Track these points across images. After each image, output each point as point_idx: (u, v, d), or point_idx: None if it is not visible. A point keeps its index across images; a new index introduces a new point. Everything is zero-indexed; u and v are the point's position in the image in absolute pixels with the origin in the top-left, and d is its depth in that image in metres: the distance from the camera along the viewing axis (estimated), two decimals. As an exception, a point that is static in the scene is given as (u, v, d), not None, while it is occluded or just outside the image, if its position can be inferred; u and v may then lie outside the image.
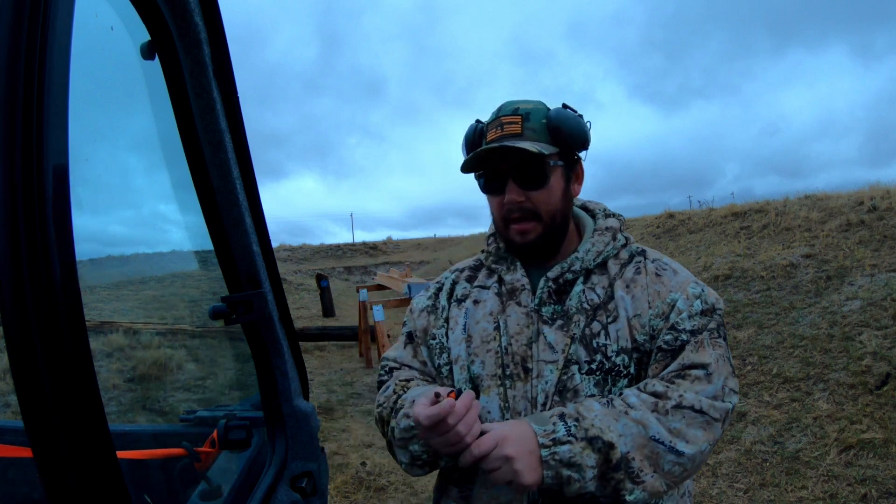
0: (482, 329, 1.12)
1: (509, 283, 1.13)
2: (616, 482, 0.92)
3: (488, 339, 1.10)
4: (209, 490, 1.12)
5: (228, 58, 0.99)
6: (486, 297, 1.16)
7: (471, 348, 1.12)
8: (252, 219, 1.08)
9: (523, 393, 1.05)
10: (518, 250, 1.13)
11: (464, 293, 1.19)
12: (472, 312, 1.15)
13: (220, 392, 4.69)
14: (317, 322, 10.64)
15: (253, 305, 1.06)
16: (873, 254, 6.00)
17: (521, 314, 1.09)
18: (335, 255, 25.02)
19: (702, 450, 0.95)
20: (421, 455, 1.06)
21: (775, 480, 3.43)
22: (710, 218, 9.98)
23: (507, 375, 1.07)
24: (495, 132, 1.08)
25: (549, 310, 1.08)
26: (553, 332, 1.06)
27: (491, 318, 1.12)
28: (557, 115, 1.06)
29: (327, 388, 6.30)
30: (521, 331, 1.08)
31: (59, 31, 0.58)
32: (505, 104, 1.10)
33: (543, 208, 1.07)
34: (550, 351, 1.05)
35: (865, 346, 4.38)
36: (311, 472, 1.16)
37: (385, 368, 1.24)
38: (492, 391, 1.07)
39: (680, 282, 1.08)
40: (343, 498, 3.69)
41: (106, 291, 6.83)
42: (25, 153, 0.54)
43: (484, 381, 1.08)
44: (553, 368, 1.04)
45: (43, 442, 0.56)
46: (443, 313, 1.19)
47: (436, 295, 1.24)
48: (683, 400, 0.95)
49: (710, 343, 1.02)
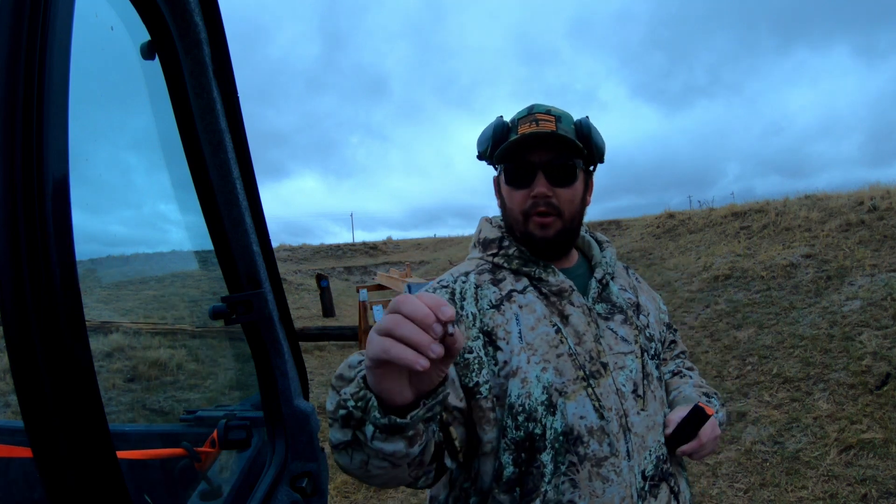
0: (544, 334, 1.04)
1: (554, 284, 1.09)
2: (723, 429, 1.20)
3: (555, 344, 1.04)
4: (209, 490, 1.12)
5: (228, 58, 0.99)
6: (528, 300, 1.08)
7: (537, 356, 1.02)
8: (252, 219, 1.08)
9: (608, 388, 1.05)
10: (536, 245, 1.10)
11: (498, 298, 1.08)
12: (523, 318, 1.05)
13: (220, 392, 4.69)
14: (317, 322, 10.64)
15: (253, 305, 1.06)
16: (873, 254, 6.00)
17: (579, 313, 1.09)
18: (335, 255, 25.02)
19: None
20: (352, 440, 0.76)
21: (775, 480, 3.43)
22: (710, 218, 9.98)
23: (589, 375, 1.04)
24: (529, 125, 1.07)
25: (602, 307, 1.14)
26: (620, 326, 1.13)
27: (548, 322, 1.06)
28: (587, 123, 1.11)
29: (327, 388, 6.29)
30: (586, 329, 1.08)
31: (59, 31, 0.58)
32: (537, 105, 1.13)
33: (567, 207, 1.09)
34: (624, 343, 1.11)
35: (865, 346, 4.38)
36: (312, 472, 1.16)
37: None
38: (578, 395, 1.02)
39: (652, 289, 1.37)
40: (343, 498, 3.69)
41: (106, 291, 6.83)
42: (25, 153, 0.54)
43: (567, 388, 1.01)
44: (633, 357, 1.10)
45: (43, 442, 0.56)
46: (475, 321, 1.05)
47: (452, 302, 1.08)
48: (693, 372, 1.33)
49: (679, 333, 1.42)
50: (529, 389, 1.00)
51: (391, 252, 25.88)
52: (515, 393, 1.00)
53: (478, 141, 1.17)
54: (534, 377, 1.01)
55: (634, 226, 11.78)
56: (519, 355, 1.02)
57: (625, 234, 11.74)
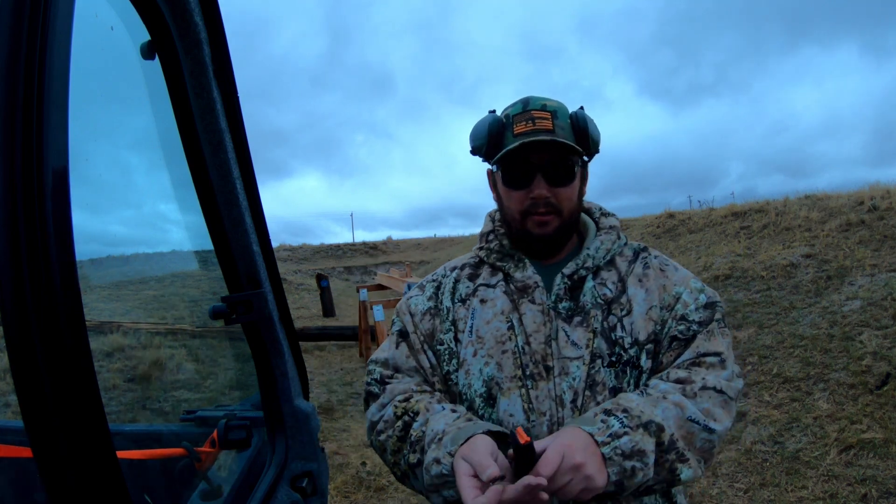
0: (495, 329, 1.09)
1: (520, 280, 1.11)
2: (669, 464, 0.94)
3: (503, 340, 1.07)
4: (209, 490, 1.12)
5: (228, 58, 0.99)
6: (493, 295, 1.12)
7: (483, 350, 1.08)
8: (252, 218, 1.08)
9: (547, 392, 1.03)
10: (534, 242, 1.11)
11: (467, 292, 1.15)
12: (479, 312, 1.11)
13: (220, 392, 4.69)
14: (317, 322, 10.64)
15: (253, 305, 1.06)
16: (873, 254, 6.00)
17: (536, 312, 1.08)
18: (335, 255, 25.02)
19: (726, 427, 1.00)
20: (457, 500, 0.93)
21: (775, 480, 3.43)
22: (711, 218, 9.97)
23: (527, 376, 1.04)
24: (526, 125, 1.06)
25: (566, 306, 1.08)
26: (574, 329, 1.06)
27: (503, 318, 1.09)
28: (582, 116, 1.09)
29: (327, 388, 6.30)
30: (539, 329, 1.07)
31: (59, 31, 0.58)
32: (531, 98, 1.10)
33: (566, 205, 1.09)
34: (574, 347, 1.05)
35: (865, 346, 4.38)
36: (311, 472, 1.16)
37: (375, 377, 1.14)
38: (512, 393, 1.04)
39: (682, 276, 1.13)
40: (343, 498, 3.69)
41: (106, 291, 6.83)
42: (25, 153, 0.54)
43: (503, 384, 1.05)
44: (580, 364, 1.03)
45: (43, 442, 0.56)
46: (448, 315, 1.14)
47: (435, 295, 1.18)
48: (707, 382, 1.00)
49: (719, 332, 1.07)
50: (471, 381, 1.08)
51: (391, 252, 25.88)
52: (461, 383, 1.09)
53: (471, 136, 1.14)
54: (476, 370, 1.07)
55: (634, 226, 11.78)
56: (467, 348, 1.09)
57: (626, 234, 11.73)
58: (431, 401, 1.06)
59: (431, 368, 1.13)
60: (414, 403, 1.05)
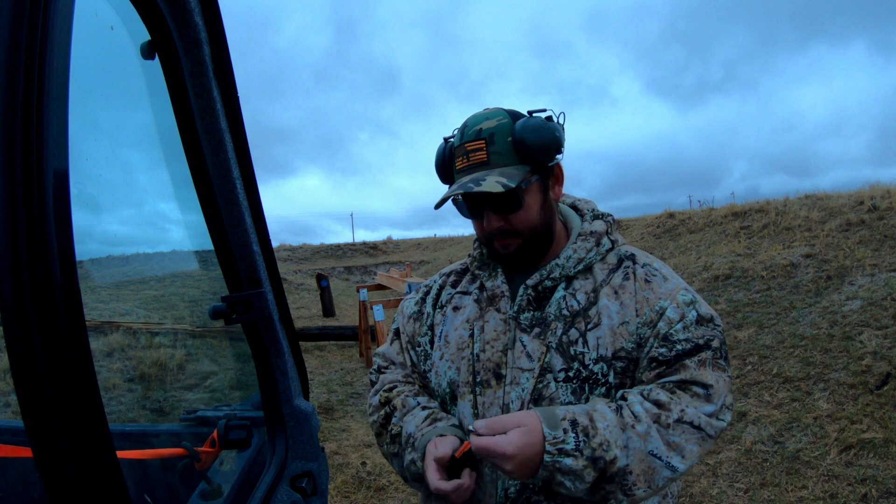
0: (458, 336, 1.15)
1: (490, 289, 1.14)
2: (606, 492, 0.93)
3: (463, 346, 1.13)
4: (209, 490, 1.12)
5: (228, 57, 0.99)
6: (465, 303, 1.18)
7: (448, 354, 1.15)
8: (252, 218, 1.08)
9: (493, 400, 1.06)
10: (501, 260, 1.14)
11: (447, 299, 1.22)
12: (451, 319, 1.18)
13: (220, 392, 4.69)
14: (317, 322, 10.64)
15: (253, 305, 1.06)
16: (873, 253, 6.00)
17: (499, 321, 1.10)
18: (335, 255, 25.02)
19: (692, 464, 0.96)
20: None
21: (775, 480, 3.43)
22: (711, 218, 9.97)
23: (478, 382, 1.09)
24: (462, 161, 1.06)
25: (528, 317, 1.08)
26: (531, 340, 1.05)
27: (467, 325, 1.14)
28: (522, 130, 1.01)
29: (327, 388, 6.30)
30: (498, 337, 1.09)
31: (59, 31, 0.58)
32: (469, 124, 1.06)
33: (523, 227, 1.06)
34: (527, 359, 1.05)
35: (866, 346, 4.38)
36: (311, 471, 1.16)
37: (374, 367, 1.29)
38: (466, 397, 1.10)
39: (670, 289, 1.04)
40: (343, 498, 3.70)
41: (106, 291, 6.83)
42: (25, 152, 0.54)
43: (459, 388, 1.11)
44: (529, 376, 1.04)
45: (43, 442, 0.56)
46: (427, 320, 1.22)
47: (423, 300, 1.26)
48: (685, 415, 0.95)
49: (712, 364, 1.00)
50: (439, 381, 1.15)
51: (391, 252, 25.88)
52: (433, 382, 1.17)
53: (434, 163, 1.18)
54: (443, 372, 1.15)
55: (635, 225, 11.78)
56: (436, 351, 1.17)
57: (625, 234, 11.74)
58: (408, 396, 1.17)
59: (412, 366, 1.23)
60: (394, 395, 1.18)
